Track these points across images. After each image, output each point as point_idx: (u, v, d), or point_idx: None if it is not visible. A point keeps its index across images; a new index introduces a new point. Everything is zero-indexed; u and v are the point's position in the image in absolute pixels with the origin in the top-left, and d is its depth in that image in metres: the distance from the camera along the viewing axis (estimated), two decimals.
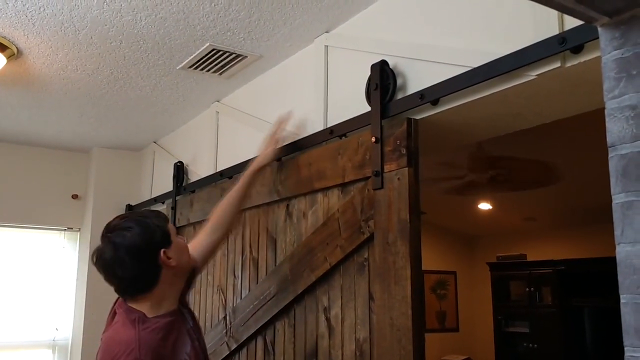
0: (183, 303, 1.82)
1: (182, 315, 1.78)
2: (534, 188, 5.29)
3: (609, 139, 1.07)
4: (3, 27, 2.44)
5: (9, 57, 2.66)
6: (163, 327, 1.63)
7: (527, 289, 6.88)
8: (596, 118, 1.85)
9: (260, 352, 2.57)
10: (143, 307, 1.65)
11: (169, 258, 1.64)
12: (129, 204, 4.34)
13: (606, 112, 1.09)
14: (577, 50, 1.50)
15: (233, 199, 2.24)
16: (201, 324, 3.09)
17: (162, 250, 1.62)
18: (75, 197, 4.44)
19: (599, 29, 1.14)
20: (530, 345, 6.72)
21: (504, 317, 7.13)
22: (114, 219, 1.69)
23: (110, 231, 1.64)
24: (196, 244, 2.05)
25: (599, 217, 6.11)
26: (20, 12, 2.31)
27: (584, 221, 6.47)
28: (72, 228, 4.38)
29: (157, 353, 1.57)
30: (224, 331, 2.81)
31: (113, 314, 1.72)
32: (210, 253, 2.13)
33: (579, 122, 2.34)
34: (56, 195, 4.37)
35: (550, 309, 6.59)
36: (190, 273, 1.90)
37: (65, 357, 4.22)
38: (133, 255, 1.59)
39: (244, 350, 2.69)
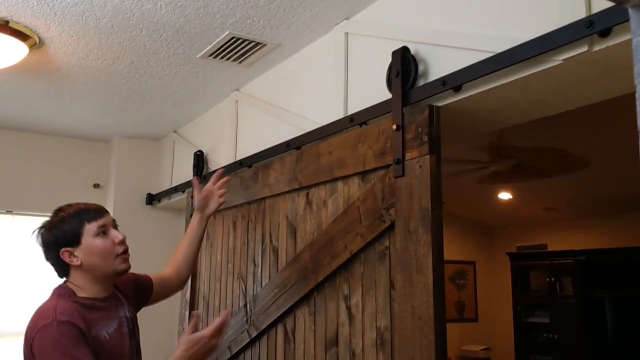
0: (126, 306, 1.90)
1: (117, 303, 1.85)
2: (554, 176, 5.22)
3: None
4: (25, 17, 2.46)
5: (31, 47, 2.68)
6: (88, 305, 1.73)
7: (548, 279, 6.81)
8: (623, 103, 1.82)
9: (280, 340, 2.58)
10: (72, 287, 1.78)
11: (74, 257, 1.76)
12: (149, 193, 4.38)
13: (637, 96, 1.06)
14: (605, 33, 1.46)
15: (185, 247, 2.23)
16: (221, 312, 3.11)
17: (62, 250, 1.75)
18: (96, 186, 4.50)
19: (630, 11, 1.11)
20: (550, 335, 6.66)
21: (523, 308, 7.07)
22: (57, 209, 1.85)
23: (46, 221, 1.84)
24: (162, 276, 2.16)
25: (621, 207, 6.05)
26: (42, 1, 2.33)
27: (605, 211, 6.38)
28: None
29: (73, 318, 1.65)
30: (245, 319, 2.83)
31: None
32: (169, 291, 2.19)
33: (604, 109, 2.30)
34: (78, 185, 4.42)
35: (571, 300, 6.53)
36: (139, 283, 2.02)
37: None
38: (45, 249, 1.80)
39: (265, 337, 2.70)
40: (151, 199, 4.37)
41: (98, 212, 1.83)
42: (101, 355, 1.66)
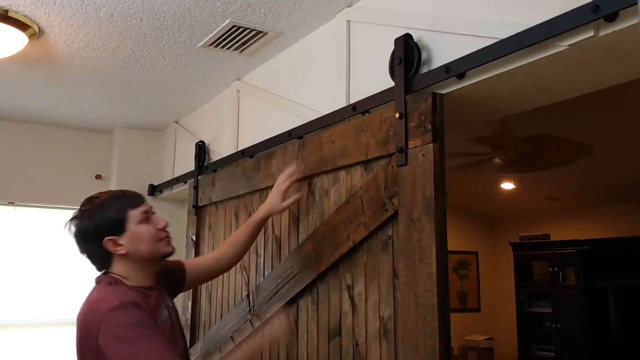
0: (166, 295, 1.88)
1: (161, 293, 1.83)
2: (558, 166, 5.20)
3: None
4: (25, 6, 2.44)
5: (30, 37, 2.66)
6: (138, 291, 1.70)
7: (551, 269, 6.81)
8: (628, 90, 1.80)
9: None
10: (117, 277, 1.72)
11: (119, 245, 1.70)
12: (151, 184, 4.37)
13: None
14: (612, 18, 1.43)
15: (240, 241, 2.27)
16: (224, 302, 3.11)
17: (105, 239, 1.69)
18: (98, 177, 4.49)
19: None
20: (553, 325, 6.67)
21: (526, 297, 7.08)
22: (88, 198, 1.77)
23: (78, 211, 1.76)
24: (196, 263, 2.16)
25: (624, 196, 6.04)
26: None
27: (609, 201, 6.37)
28: None
29: (139, 300, 1.64)
30: (247, 309, 2.82)
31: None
32: (204, 278, 2.22)
33: (608, 96, 2.28)
34: (80, 176, 4.41)
35: (574, 289, 6.53)
36: (170, 270, 1.98)
37: None
38: (84, 238, 1.72)
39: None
40: (153, 190, 4.36)
41: (139, 198, 1.79)
42: None
